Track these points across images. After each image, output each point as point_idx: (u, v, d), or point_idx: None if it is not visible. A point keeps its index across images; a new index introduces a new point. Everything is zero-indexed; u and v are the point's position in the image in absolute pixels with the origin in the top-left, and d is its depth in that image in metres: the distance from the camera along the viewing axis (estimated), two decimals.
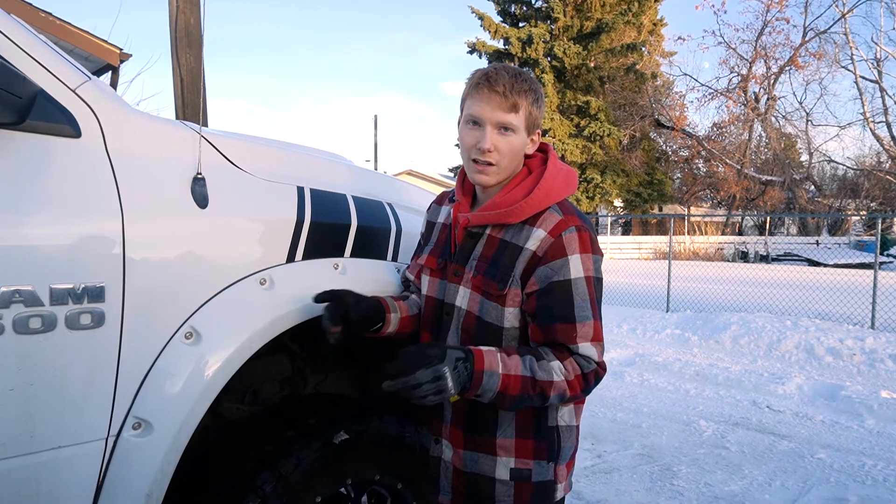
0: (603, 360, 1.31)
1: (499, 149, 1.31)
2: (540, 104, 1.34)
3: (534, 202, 1.31)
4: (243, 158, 1.40)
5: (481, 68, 1.35)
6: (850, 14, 22.54)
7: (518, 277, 1.30)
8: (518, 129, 1.31)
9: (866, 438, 3.89)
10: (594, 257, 1.31)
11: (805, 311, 7.86)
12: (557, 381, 1.25)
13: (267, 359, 1.70)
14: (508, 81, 1.28)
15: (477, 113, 1.30)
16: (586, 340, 1.28)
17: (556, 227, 1.29)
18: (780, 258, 19.27)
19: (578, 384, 1.27)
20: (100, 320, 1.12)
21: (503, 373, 1.23)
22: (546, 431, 1.36)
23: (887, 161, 24.61)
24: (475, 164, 1.33)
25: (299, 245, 1.42)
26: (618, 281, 11.24)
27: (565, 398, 1.28)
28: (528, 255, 1.30)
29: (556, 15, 22.73)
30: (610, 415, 4.33)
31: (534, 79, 1.35)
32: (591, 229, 1.33)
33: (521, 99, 1.30)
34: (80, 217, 1.12)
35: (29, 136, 1.10)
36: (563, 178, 1.36)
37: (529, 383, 1.24)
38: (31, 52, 1.14)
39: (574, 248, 1.28)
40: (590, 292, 1.29)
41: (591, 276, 1.29)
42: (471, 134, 1.32)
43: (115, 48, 7.15)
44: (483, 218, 1.35)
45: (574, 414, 1.40)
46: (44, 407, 1.08)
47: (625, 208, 24.84)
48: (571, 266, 1.27)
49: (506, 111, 1.29)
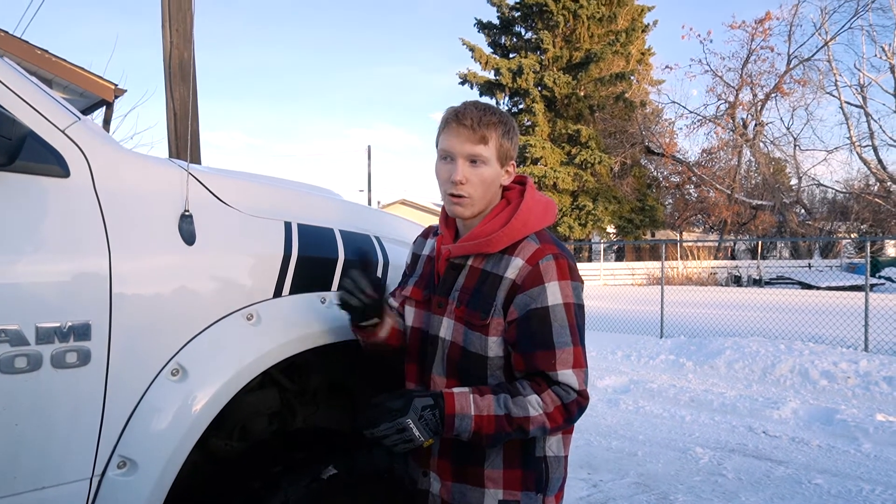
0: (584, 389, 1.30)
1: (471, 181, 1.33)
2: (511, 136, 1.37)
3: (511, 232, 1.33)
4: (231, 195, 1.42)
5: (452, 106, 1.38)
6: (832, 42, 23.08)
7: (500, 307, 1.32)
8: (489, 160, 1.34)
9: (863, 463, 3.87)
10: (573, 284, 1.32)
11: (798, 334, 7.87)
12: (535, 416, 1.25)
13: (255, 393, 1.69)
14: (476, 115, 1.32)
15: (448, 147, 1.34)
16: (566, 367, 1.28)
17: (533, 255, 1.31)
18: (773, 282, 19.35)
19: (560, 415, 1.27)
20: (86, 358, 1.12)
21: (475, 414, 1.25)
22: (534, 462, 1.36)
23: (875, 184, 24.91)
24: (451, 198, 1.36)
25: (286, 280, 1.42)
26: (611, 307, 11.25)
27: (547, 430, 1.29)
28: (507, 283, 1.32)
29: (545, 46, 23.18)
30: (605, 443, 4.29)
31: (504, 112, 1.39)
32: (570, 257, 1.35)
33: (490, 131, 1.33)
34: (67, 255, 1.13)
35: (18, 176, 1.11)
36: (541, 208, 1.39)
37: (504, 421, 1.25)
38: (21, 93, 1.16)
39: (551, 276, 1.29)
40: (569, 318, 1.30)
41: (570, 302, 1.30)
42: (444, 168, 1.36)
43: (110, 84, 7.23)
44: (463, 249, 1.38)
45: (562, 444, 1.40)
46: (28, 447, 1.08)
47: (617, 234, 24.98)
48: (549, 293, 1.29)
49: (475, 143, 1.32)
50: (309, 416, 1.82)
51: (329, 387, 1.85)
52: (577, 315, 1.32)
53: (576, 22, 23.29)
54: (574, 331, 1.30)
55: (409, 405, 1.23)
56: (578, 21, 23.21)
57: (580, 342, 1.31)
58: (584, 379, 1.30)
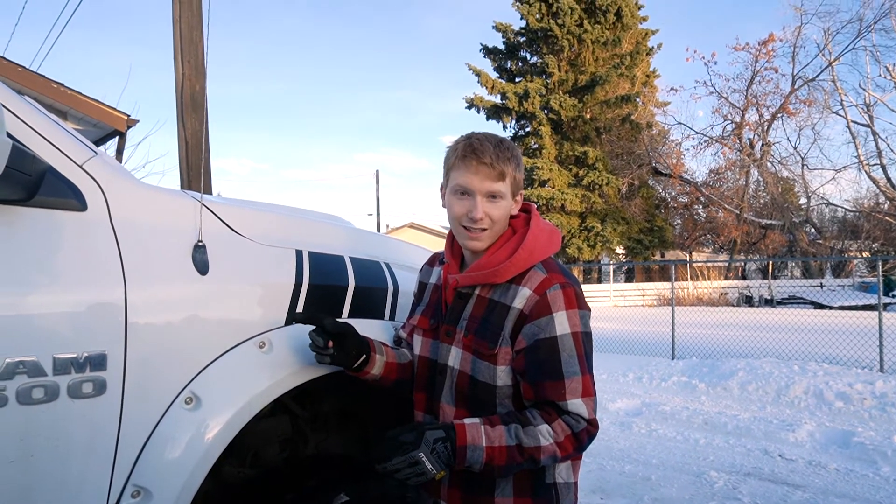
0: (594, 417, 1.31)
1: (490, 216, 1.36)
2: (521, 167, 1.41)
3: (518, 262, 1.34)
4: (243, 224, 1.45)
5: (464, 138, 1.39)
6: (836, 62, 23.17)
7: (507, 336, 1.33)
8: (506, 195, 1.37)
9: (882, 487, 3.79)
10: (580, 312, 1.33)
11: (812, 355, 7.77)
12: (545, 446, 1.26)
13: (268, 420, 1.70)
14: (494, 152, 1.34)
15: (466, 183, 1.35)
16: (576, 396, 1.29)
17: (540, 284, 1.32)
18: (785, 301, 19.17)
19: (570, 444, 1.28)
20: (101, 388, 1.14)
21: (487, 445, 1.25)
22: (544, 489, 1.35)
23: (885, 202, 24.77)
24: (467, 232, 1.37)
25: (298, 307, 1.44)
26: (622, 329, 11.17)
27: (558, 459, 1.29)
28: (515, 313, 1.32)
29: (550, 70, 23.40)
30: (618, 467, 4.24)
31: (513, 144, 1.41)
32: (576, 285, 1.36)
33: (507, 166, 1.35)
34: (84, 287, 1.16)
35: (37, 210, 1.14)
36: (546, 236, 1.40)
37: (516, 451, 1.25)
38: (40, 130, 1.20)
39: (559, 305, 1.30)
40: (577, 347, 1.31)
41: (578, 331, 1.31)
42: (461, 203, 1.37)
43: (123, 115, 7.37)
44: (471, 279, 1.40)
45: (572, 470, 1.40)
46: (43, 478, 1.09)
47: (627, 255, 24.90)
48: (557, 323, 1.29)
49: (494, 181, 1.34)
50: (321, 442, 1.82)
51: (340, 413, 1.85)
52: (585, 343, 1.33)
53: (580, 46, 23.54)
54: (582, 359, 1.31)
55: (420, 438, 1.23)
56: (583, 45, 23.46)
57: (588, 370, 1.32)
58: (593, 407, 1.31)
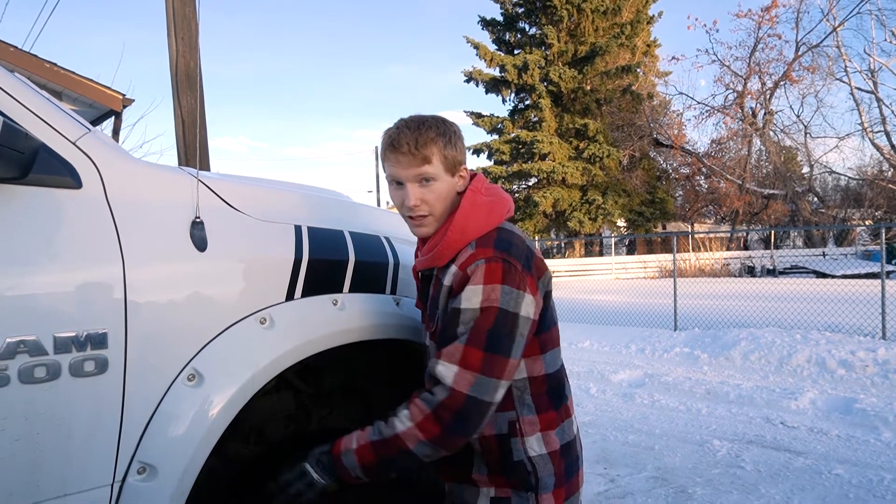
0: (460, 391, 1.20)
1: (426, 200, 1.34)
2: (454, 143, 1.35)
3: (450, 243, 1.32)
4: (241, 200, 1.43)
5: (388, 129, 1.36)
6: (841, 27, 22.78)
7: (441, 315, 1.34)
8: (438, 175, 1.33)
9: (884, 452, 3.83)
10: (504, 288, 1.23)
11: (814, 323, 7.80)
12: (404, 431, 1.22)
13: (271, 396, 1.71)
14: (411, 138, 1.30)
15: (393, 174, 1.35)
16: (449, 361, 1.22)
17: (465, 261, 1.28)
18: (788, 271, 19.17)
19: (431, 424, 1.21)
20: (103, 367, 1.14)
21: (355, 447, 1.27)
22: (514, 466, 1.32)
23: (889, 170, 24.61)
24: (412, 220, 1.37)
25: (298, 283, 1.44)
26: (624, 301, 11.20)
27: (434, 445, 1.23)
28: (446, 291, 1.31)
29: (550, 41, 23.09)
30: (622, 437, 4.28)
31: (440, 121, 1.36)
32: (512, 260, 1.26)
33: (431, 147, 1.31)
34: (82, 266, 1.15)
35: (31, 188, 1.13)
36: (482, 212, 1.34)
37: (381, 445, 1.25)
38: (32, 107, 1.18)
39: (476, 280, 1.24)
40: (479, 320, 1.22)
41: (490, 306, 1.22)
42: (396, 194, 1.37)
43: (118, 94, 7.30)
44: (421, 264, 1.41)
45: (543, 442, 1.34)
46: (49, 455, 1.10)
47: (628, 228, 24.85)
48: (464, 297, 1.24)
49: (418, 166, 1.31)
50: (324, 417, 1.83)
51: (344, 388, 1.86)
52: (497, 320, 1.22)
53: (580, 16, 23.19)
54: (479, 332, 1.22)
55: (309, 452, 1.32)
56: (583, 15, 23.11)
57: (485, 347, 1.21)
58: (467, 382, 1.20)
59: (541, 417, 1.34)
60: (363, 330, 1.52)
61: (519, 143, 23.25)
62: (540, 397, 1.35)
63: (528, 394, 1.34)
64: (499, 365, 1.22)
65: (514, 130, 24.10)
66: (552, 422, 1.35)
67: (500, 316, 1.22)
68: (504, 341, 1.23)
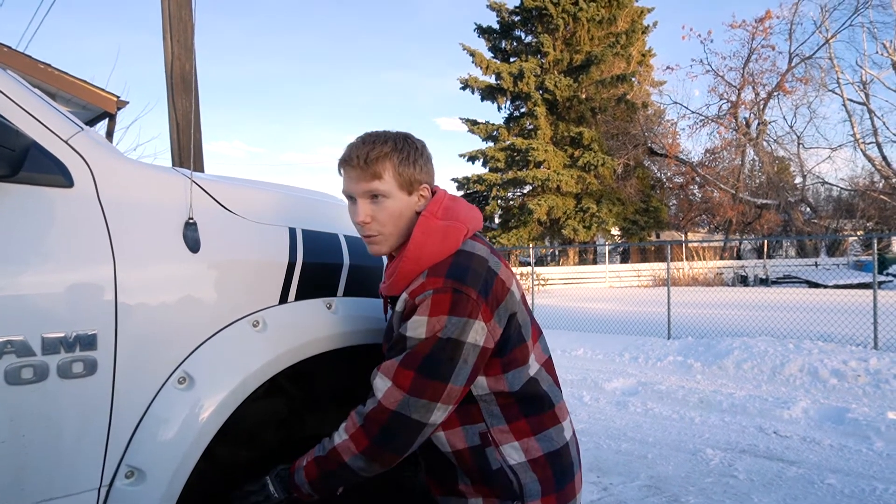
0: (387, 406, 1.21)
1: (376, 218, 1.32)
2: (412, 160, 1.31)
3: (405, 272, 1.29)
4: (235, 202, 1.42)
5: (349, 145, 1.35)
6: (833, 39, 23.02)
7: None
8: (389, 192, 1.30)
9: (876, 462, 3.83)
10: (451, 319, 1.21)
11: (807, 333, 7.81)
12: (340, 443, 1.26)
13: (262, 401, 1.68)
14: (363, 152, 1.29)
15: (346, 190, 1.34)
16: (384, 374, 1.24)
17: (415, 289, 1.25)
18: (780, 281, 19.24)
19: (362, 436, 1.24)
20: (92, 368, 1.12)
21: (304, 464, 1.30)
22: (494, 475, 1.30)
23: (880, 181, 24.79)
24: (365, 238, 1.37)
25: (292, 286, 1.42)
26: (617, 309, 11.21)
27: (369, 458, 1.24)
28: (398, 317, 1.30)
29: (545, 49, 23.22)
30: (615, 445, 4.27)
31: (400, 138, 1.33)
32: (463, 289, 1.23)
33: (383, 163, 1.29)
34: (72, 265, 1.13)
35: (22, 187, 1.11)
36: (436, 239, 1.29)
37: (323, 460, 1.28)
38: (24, 105, 1.16)
39: (423, 311, 1.23)
40: (420, 347, 1.22)
41: (433, 336, 1.21)
42: (351, 210, 1.36)
43: (113, 96, 7.27)
44: (382, 289, 1.41)
45: (521, 449, 1.32)
46: (35, 458, 1.07)
47: (622, 236, 24.93)
48: (410, 325, 1.23)
49: (367, 181, 1.29)
50: (317, 423, 1.81)
51: (336, 393, 1.84)
52: (435, 345, 1.21)
53: (576, 25, 23.34)
54: (415, 355, 1.21)
55: (273, 468, 1.34)
56: (578, 24, 23.26)
57: (419, 369, 1.21)
58: (395, 399, 1.21)
59: (512, 427, 1.32)
60: (357, 334, 1.50)
61: (514, 151, 23.32)
62: (509, 408, 1.32)
63: (496, 405, 1.32)
64: (431, 388, 1.21)
65: (510, 138, 24.20)
66: (526, 430, 1.33)
67: (440, 344, 1.21)
68: (442, 367, 1.21)
